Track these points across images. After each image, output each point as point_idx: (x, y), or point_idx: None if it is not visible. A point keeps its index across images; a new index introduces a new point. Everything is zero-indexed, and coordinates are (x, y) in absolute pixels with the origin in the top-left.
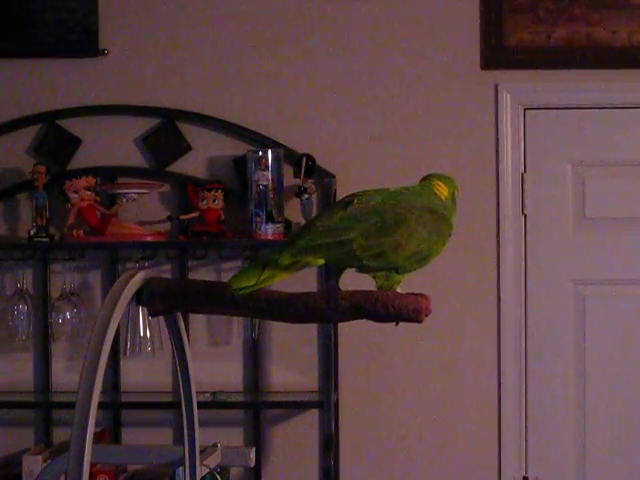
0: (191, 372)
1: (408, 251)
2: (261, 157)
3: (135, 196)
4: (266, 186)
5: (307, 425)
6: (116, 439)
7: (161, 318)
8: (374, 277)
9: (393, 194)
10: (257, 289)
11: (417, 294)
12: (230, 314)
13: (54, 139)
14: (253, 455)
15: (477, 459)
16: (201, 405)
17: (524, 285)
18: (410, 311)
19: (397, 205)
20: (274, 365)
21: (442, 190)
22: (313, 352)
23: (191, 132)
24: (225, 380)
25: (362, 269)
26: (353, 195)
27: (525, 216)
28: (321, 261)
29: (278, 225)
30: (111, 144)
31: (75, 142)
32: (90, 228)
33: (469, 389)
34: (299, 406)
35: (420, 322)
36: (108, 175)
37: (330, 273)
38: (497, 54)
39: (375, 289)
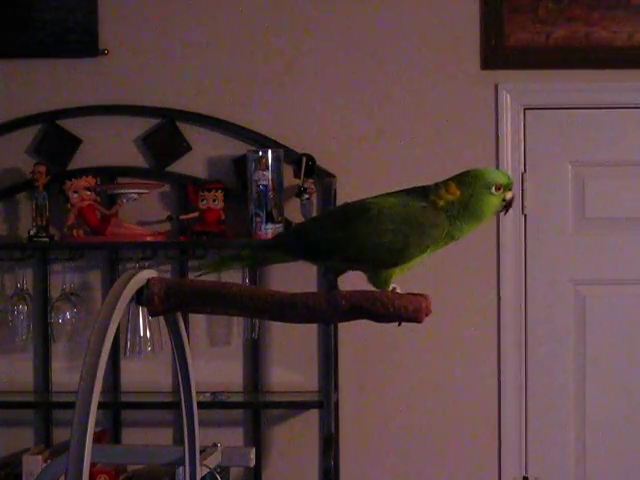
0: (191, 372)
1: (370, 243)
2: (261, 157)
3: (135, 196)
4: (266, 186)
5: (307, 425)
6: (116, 439)
7: (161, 318)
8: (364, 271)
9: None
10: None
11: (417, 294)
12: (230, 314)
13: (54, 139)
14: (253, 455)
15: (477, 459)
16: (201, 405)
17: (524, 285)
18: (410, 311)
19: (364, 201)
20: (274, 365)
21: (448, 189)
22: (313, 352)
23: (191, 132)
24: (225, 380)
25: (345, 265)
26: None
27: (525, 216)
28: (283, 257)
29: (278, 225)
30: (111, 144)
31: (75, 142)
32: (90, 228)
33: (469, 389)
34: (299, 406)
35: (420, 322)
36: (108, 175)
37: (328, 274)
38: (497, 54)
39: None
